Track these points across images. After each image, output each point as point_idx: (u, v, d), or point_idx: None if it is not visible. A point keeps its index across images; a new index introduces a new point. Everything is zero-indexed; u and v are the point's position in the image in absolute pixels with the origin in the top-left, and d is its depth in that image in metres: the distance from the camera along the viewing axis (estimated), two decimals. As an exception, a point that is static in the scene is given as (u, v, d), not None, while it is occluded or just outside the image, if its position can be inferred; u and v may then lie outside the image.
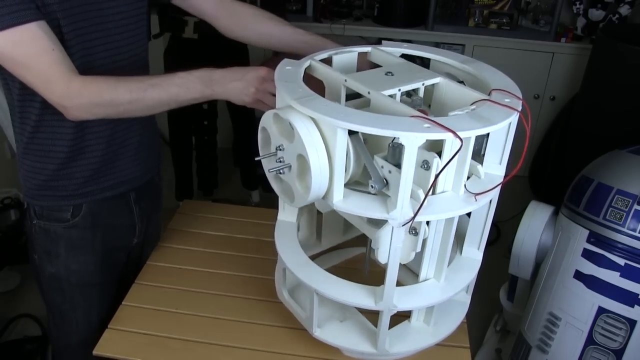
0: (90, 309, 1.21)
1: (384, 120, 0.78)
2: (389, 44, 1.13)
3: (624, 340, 1.44)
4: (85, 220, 1.13)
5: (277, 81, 0.90)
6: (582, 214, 1.47)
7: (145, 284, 1.25)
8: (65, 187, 1.10)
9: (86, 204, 1.13)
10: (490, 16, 2.95)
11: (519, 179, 3.20)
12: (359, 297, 0.95)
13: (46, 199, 1.11)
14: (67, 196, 1.11)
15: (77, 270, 1.17)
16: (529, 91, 2.99)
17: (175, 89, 0.97)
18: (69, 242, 1.14)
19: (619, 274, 1.40)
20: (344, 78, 0.94)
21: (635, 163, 1.47)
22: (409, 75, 0.97)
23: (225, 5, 1.20)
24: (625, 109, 2.27)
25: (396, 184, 0.81)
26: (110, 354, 1.08)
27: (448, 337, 1.13)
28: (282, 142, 0.89)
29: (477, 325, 2.06)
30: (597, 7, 2.85)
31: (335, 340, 1.04)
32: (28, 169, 1.10)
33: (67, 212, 1.12)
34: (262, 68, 0.98)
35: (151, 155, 1.24)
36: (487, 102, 0.89)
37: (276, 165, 0.91)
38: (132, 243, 1.27)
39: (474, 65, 1.03)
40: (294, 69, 0.95)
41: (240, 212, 1.52)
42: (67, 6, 0.94)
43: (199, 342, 1.10)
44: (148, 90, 0.96)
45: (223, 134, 2.78)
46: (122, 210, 1.20)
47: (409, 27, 2.99)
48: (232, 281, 1.27)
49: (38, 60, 0.91)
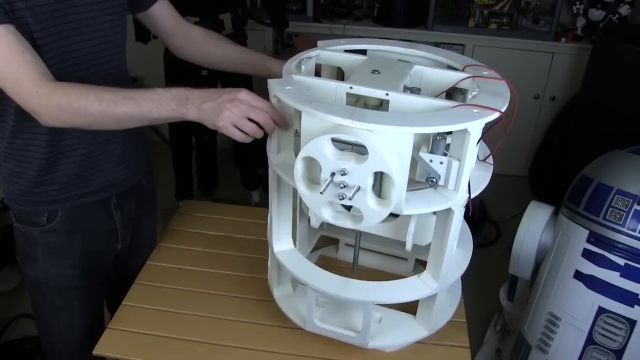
0: (72, 313, 1.21)
1: (444, 117, 0.81)
2: (328, 42, 1.13)
3: (624, 340, 1.44)
4: (62, 225, 1.12)
5: (304, 106, 0.84)
6: (582, 214, 1.47)
7: (145, 284, 1.25)
8: (45, 193, 1.08)
9: (62, 210, 1.11)
10: (490, 16, 2.95)
11: (519, 179, 3.20)
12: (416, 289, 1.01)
13: (25, 203, 1.10)
14: (46, 202, 1.09)
15: (55, 274, 1.16)
16: (529, 91, 2.99)
17: (149, 105, 0.92)
18: (46, 246, 1.13)
19: (619, 274, 1.40)
20: (349, 85, 0.92)
21: (635, 163, 1.47)
22: (391, 69, 0.98)
23: (181, 26, 1.23)
24: (625, 109, 2.27)
25: (455, 172, 0.86)
26: (110, 354, 1.08)
27: (448, 337, 1.14)
28: (344, 166, 0.82)
29: (477, 325, 2.06)
30: (597, 7, 2.85)
31: (387, 342, 1.07)
32: (9, 173, 1.09)
33: (43, 217, 1.10)
34: (242, 90, 0.91)
35: (136, 160, 1.21)
36: (477, 79, 0.95)
37: (340, 192, 0.83)
38: (117, 248, 1.25)
39: (418, 47, 1.08)
40: (297, 89, 0.90)
41: (240, 212, 1.52)
42: (38, 11, 0.92)
43: (199, 342, 1.10)
44: (120, 102, 0.91)
45: (223, 134, 2.77)
46: (101, 216, 1.17)
47: (408, 27, 2.99)
48: (232, 281, 1.27)
49: (6, 63, 0.88)
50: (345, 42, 1.13)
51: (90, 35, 1.02)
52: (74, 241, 1.14)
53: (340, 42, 1.13)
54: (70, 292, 1.19)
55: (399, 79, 0.95)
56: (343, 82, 0.93)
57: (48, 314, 1.21)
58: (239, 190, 2.89)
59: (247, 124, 0.91)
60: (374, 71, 0.97)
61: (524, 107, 3.02)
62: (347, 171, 0.82)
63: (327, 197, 0.85)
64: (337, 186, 0.83)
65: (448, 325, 1.16)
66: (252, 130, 0.91)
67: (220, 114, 0.90)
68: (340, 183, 0.83)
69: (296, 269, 1.04)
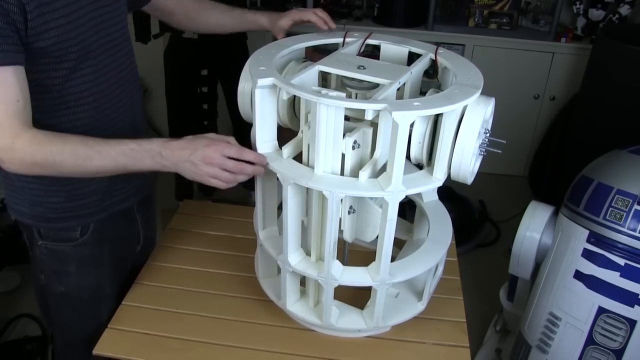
0: (101, 319, 1.20)
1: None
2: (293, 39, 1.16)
3: (624, 340, 1.44)
4: (93, 237, 1.12)
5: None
6: (582, 214, 1.47)
7: (145, 284, 1.25)
8: (78, 208, 1.08)
9: (94, 222, 1.12)
10: (490, 16, 2.95)
11: (519, 179, 3.20)
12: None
13: (56, 221, 1.09)
14: (80, 215, 1.09)
15: (88, 286, 1.16)
16: (529, 91, 2.99)
17: (124, 160, 0.94)
18: (79, 260, 1.13)
19: (619, 274, 1.40)
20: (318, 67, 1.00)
21: (635, 163, 1.47)
22: (377, 66, 1.04)
23: (180, 3, 1.27)
24: (626, 109, 2.26)
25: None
26: (111, 353, 1.08)
27: (448, 337, 1.14)
28: None
29: (477, 325, 2.06)
30: (597, 7, 2.85)
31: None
32: (35, 194, 1.06)
33: (76, 232, 1.10)
34: (212, 145, 0.94)
35: None
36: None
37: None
38: (137, 250, 1.27)
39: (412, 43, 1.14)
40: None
41: (240, 212, 1.52)
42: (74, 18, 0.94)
43: (199, 342, 1.10)
44: (95, 158, 0.92)
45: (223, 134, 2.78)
46: (127, 221, 1.20)
47: (409, 27, 2.99)
48: (232, 281, 1.27)
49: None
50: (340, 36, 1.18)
51: (105, 17, 1.03)
52: (104, 251, 1.15)
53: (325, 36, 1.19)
54: (100, 300, 1.19)
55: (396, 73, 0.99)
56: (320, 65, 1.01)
57: (77, 322, 1.20)
58: (239, 190, 2.88)
59: (224, 176, 0.95)
60: (359, 67, 1.01)
61: (524, 107, 3.02)
62: None
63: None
64: None
65: (448, 325, 1.17)
66: (230, 179, 0.95)
67: (196, 171, 0.94)
68: None
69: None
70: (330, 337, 1.12)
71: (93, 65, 1.00)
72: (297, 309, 1.11)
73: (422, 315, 1.15)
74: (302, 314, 1.10)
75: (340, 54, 1.08)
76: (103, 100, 1.04)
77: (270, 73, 0.93)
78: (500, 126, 1.03)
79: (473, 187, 1.07)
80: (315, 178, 0.92)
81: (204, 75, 2.50)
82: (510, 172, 3.21)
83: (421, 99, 0.91)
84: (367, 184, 0.92)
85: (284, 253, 1.03)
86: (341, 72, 1.00)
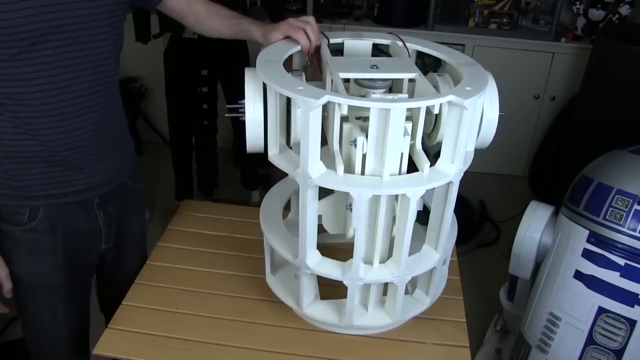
0: (56, 312, 1.20)
1: None
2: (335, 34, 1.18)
3: (624, 340, 1.44)
4: (43, 224, 1.11)
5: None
6: (582, 214, 1.47)
7: (145, 284, 1.25)
8: (25, 188, 1.07)
9: (43, 207, 1.10)
10: (490, 16, 2.95)
11: (519, 179, 3.20)
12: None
13: (5, 197, 1.08)
14: (26, 197, 1.08)
15: (39, 273, 1.15)
16: (529, 91, 2.99)
17: None
18: (28, 246, 1.12)
19: (619, 274, 1.40)
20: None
21: (635, 163, 1.47)
22: (390, 64, 1.04)
23: (190, 5, 1.25)
24: (626, 108, 2.27)
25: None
26: (110, 353, 1.08)
27: (448, 337, 1.14)
28: None
29: (477, 325, 2.06)
30: (597, 7, 2.85)
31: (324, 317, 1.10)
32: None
33: (24, 215, 1.09)
34: None
35: (120, 161, 1.20)
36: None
37: None
38: (101, 248, 1.24)
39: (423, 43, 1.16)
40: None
41: (240, 212, 1.52)
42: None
43: (199, 342, 1.10)
44: None
45: (223, 134, 2.78)
46: (84, 216, 1.16)
47: (409, 27, 2.99)
48: (232, 281, 1.27)
49: None
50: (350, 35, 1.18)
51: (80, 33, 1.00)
52: (56, 240, 1.14)
53: (344, 35, 1.18)
54: (54, 290, 1.18)
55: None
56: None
57: (32, 312, 1.21)
58: (239, 190, 2.89)
59: None
60: (372, 66, 1.00)
61: (524, 107, 3.02)
62: None
63: None
64: None
65: (448, 325, 1.17)
66: None
67: None
68: None
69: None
70: (331, 336, 1.12)
71: (42, 58, 0.96)
72: (315, 311, 1.12)
73: (422, 315, 1.15)
74: (322, 316, 1.11)
75: (348, 58, 1.08)
76: (52, 107, 1.01)
77: (319, 91, 0.88)
78: (500, 126, 1.03)
79: (473, 187, 1.08)
80: (386, 183, 0.92)
81: (204, 75, 2.50)
82: (510, 172, 3.21)
83: (464, 85, 0.93)
84: (429, 175, 0.94)
85: (301, 256, 1.02)
86: (361, 75, 0.98)
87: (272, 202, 1.21)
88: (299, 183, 0.94)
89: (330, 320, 1.10)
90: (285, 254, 1.07)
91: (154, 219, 2.73)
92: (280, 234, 1.11)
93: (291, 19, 1.12)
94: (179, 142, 2.62)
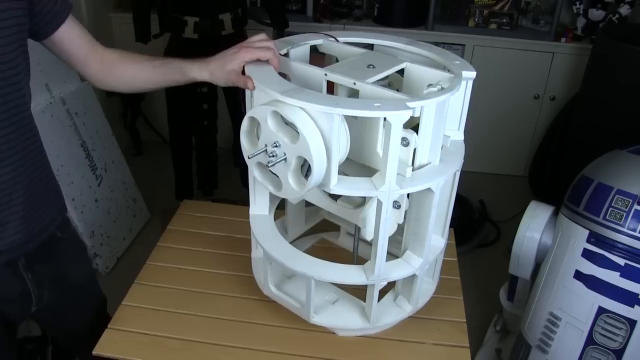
0: None
1: (367, 103, 0.85)
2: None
3: (624, 340, 1.44)
4: None
5: (258, 83, 0.92)
6: (582, 214, 1.47)
7: (145, 284, 1.25)
8: None
9: None
10: (490, 16, 2.95)
11: (519, 179, 3.20)
12: (352, 276, 1.03)
13: None
14: None
15: None
16: (529, 91, 2.99)
17: None
18: None
19: (619, 274, 1.40)
20: (324, 72, 0.98)
21: (635, 163, 1.47)
22: (385, 64, 1.04)
23: (96, 51, 1.07)
24: (626, 108, 2.26)
25: (384, 162, 0.88)
26: (110, 354, 1.08)
27: (448, 337, 1.14)
28: (279, 140, 0.90)
29: (477, 325, 2.06)
30: (597, 7, 2.85)
31: (333, 322, 1.11)
32: None
33: None
34: None
35: (45, 214, 1.05)
36: None
37: (269, 160, 0.92)
38: (31, 310, 1.09)
39: (420, 45, 1.13)
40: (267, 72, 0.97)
41: (240, 212, 1.52)
42: None
43: (199, 342, 1.10)
44: None
45: (223, 134, 2.78)
46: (9, 279, 1.02)
47: (409, 27, 2.99)
48: (232, 281, 1.27)
49: None
50: (347, 35, 1.18)
51: None
52: None
53: (342, 34, 1.18)
54: None
55: (378, 71, 1.00)
56: (320, 69, 0.99)
57: None
58: (239, 190, 2.89)
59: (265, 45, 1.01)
60: (369, 65, 1.01)
61: (524, 107, 3.02)
62: (279, 144, 0.91)
63: (258, 158, 0.96)
64: (271, 155, 0.92)
65: (448, 325, 1.17)
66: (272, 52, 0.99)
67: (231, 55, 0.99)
68: (271, 152, 0.92)
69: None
70: (330, 336, 1.12)
71: None
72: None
73: (422, 315, 1.15)
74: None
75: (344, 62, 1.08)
76: None
77: (399, 99, 0.88)
78: (500, 126, 1.04)
79: (473, 187, 1.09)
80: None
81: (203, 75, 2.50)
82: (510, 172, 3.21)
83: None
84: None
85: (377, 271, 1.03)
86: (373, 78, 0.97)
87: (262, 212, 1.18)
88: (382, 200, 0.91)
89: (296, 307, 1.11)
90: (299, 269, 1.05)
91: (154, 219, 2.73)
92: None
93: (243, 43, 1.04)
94: (179, 142, 2.62)
